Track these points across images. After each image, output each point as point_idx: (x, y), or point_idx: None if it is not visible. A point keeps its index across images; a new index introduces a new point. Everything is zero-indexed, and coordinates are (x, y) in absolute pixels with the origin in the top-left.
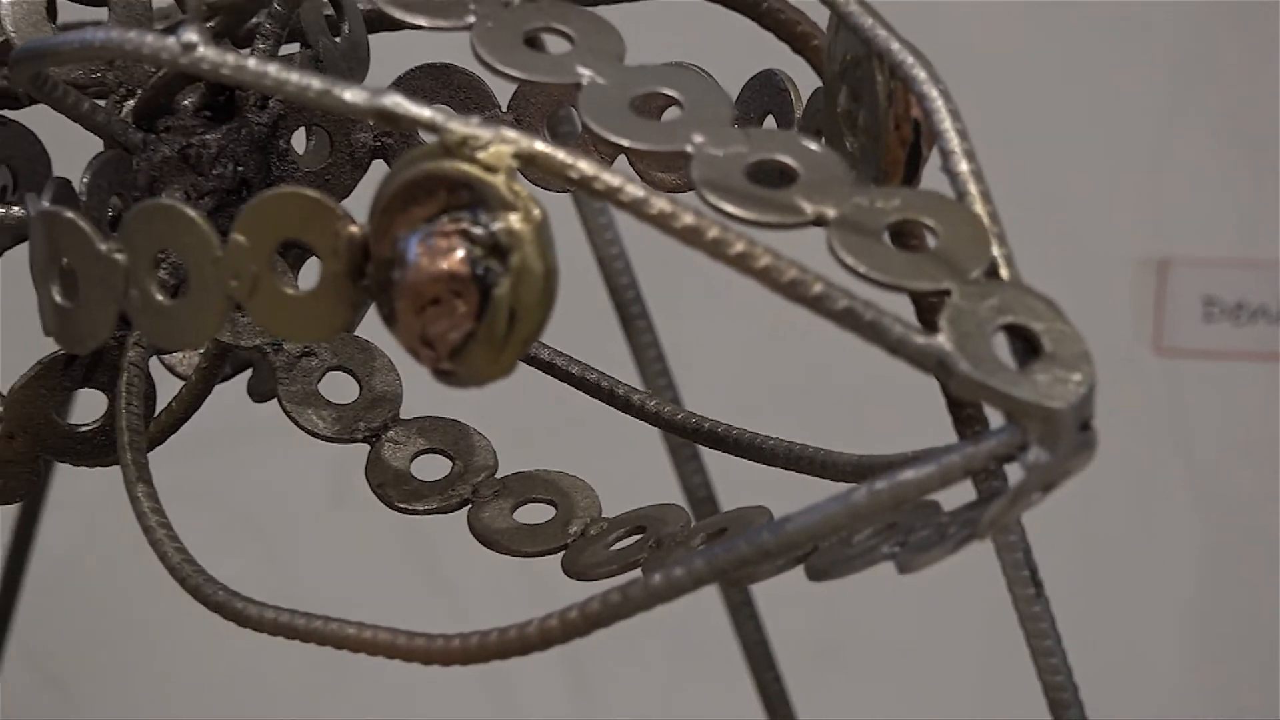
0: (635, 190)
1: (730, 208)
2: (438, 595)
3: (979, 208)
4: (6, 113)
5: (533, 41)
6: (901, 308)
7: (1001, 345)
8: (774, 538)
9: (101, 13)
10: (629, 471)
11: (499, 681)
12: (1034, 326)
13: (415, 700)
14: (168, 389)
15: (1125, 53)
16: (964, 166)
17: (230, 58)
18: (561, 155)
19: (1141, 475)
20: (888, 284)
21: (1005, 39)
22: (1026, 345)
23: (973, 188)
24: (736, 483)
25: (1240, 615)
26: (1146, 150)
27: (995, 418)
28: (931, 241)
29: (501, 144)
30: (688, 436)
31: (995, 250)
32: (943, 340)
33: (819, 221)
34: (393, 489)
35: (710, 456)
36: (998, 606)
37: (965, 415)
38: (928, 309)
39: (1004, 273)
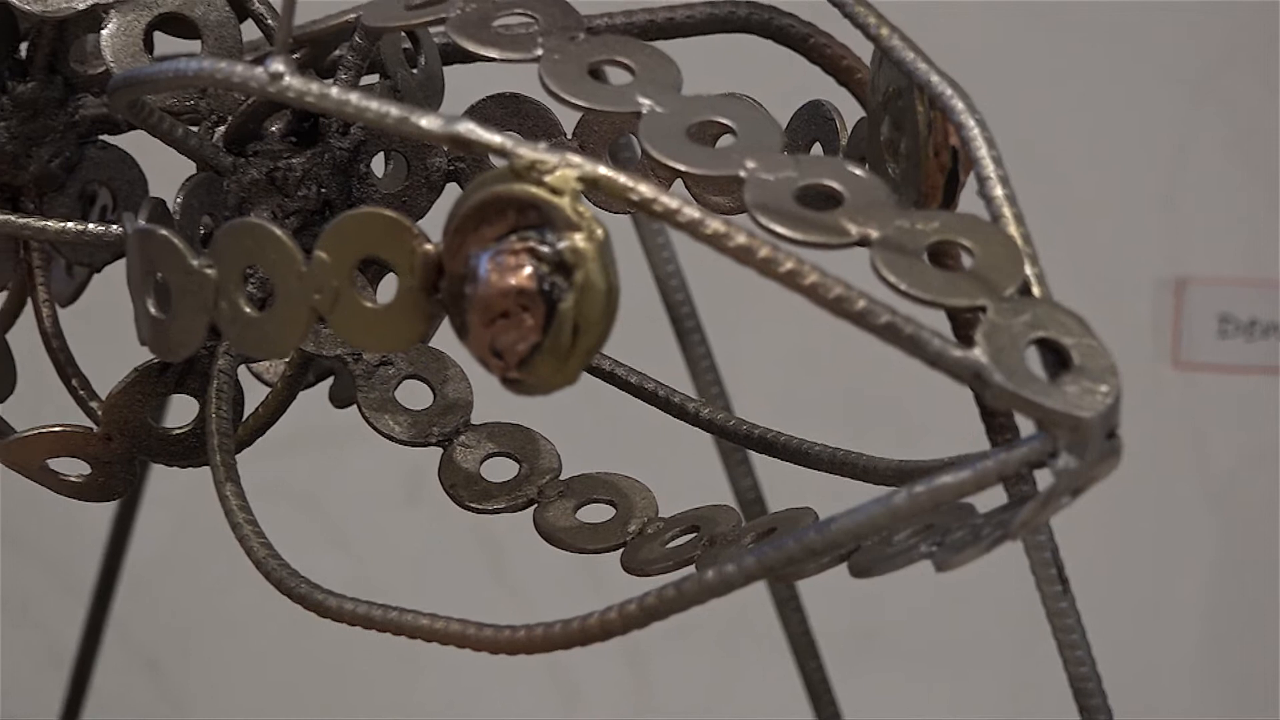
0: (692, 212)
1: (780, 228)
2: (505, 589)
3: (1013, 230)
4: (106, 138)
5: (596, 73)
6: (938, 323)
7: (1033, 358)
8: (820, 537)
9: (195, 44)
10: (683, 474)
11: (562, 670)
12: (1064, 341)
13: (482, 689)
14: (255, 395)
15: (1142, 84)
16: (999, 191)
17: (315, 87)
18: (623, 179)
19: (1160, 480)
20: (927, 300)
21: (1026, 68)
22: (1057, 358)
23: (1007, 211)
24: (783, 485)
25: (1249, 612)
26: (1164, 177)
27: (1026, 426)
28: (968, 261)
29: (567, 168)
30: (738, 442)
31: (1028, 269)
32: (978, 353)
33: (863, 242)
34: (464, 489)
35: (759, 461)
36: (1026, 602)
37: (997, 423)
38: (963, 324)
39: (1036, 291)
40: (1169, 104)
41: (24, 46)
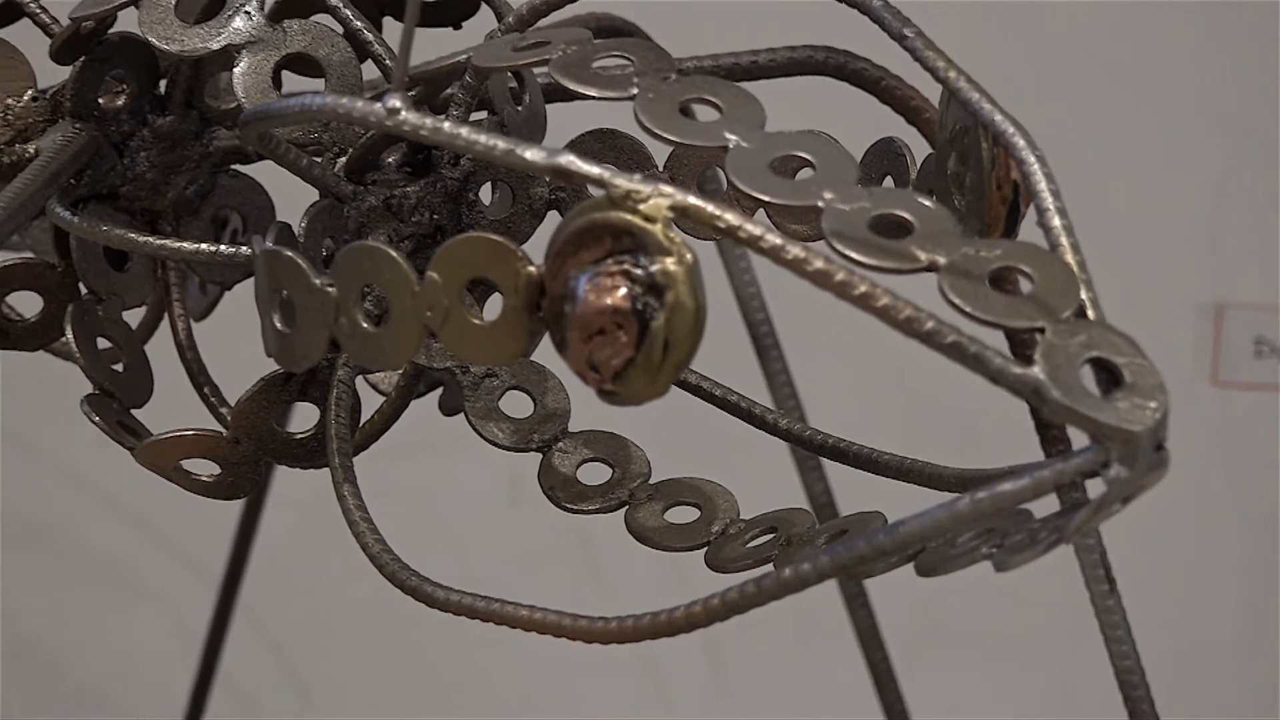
0: (774, 238)
1: (855, 254)
2: (597, 584)
3: (1070, 257)
4: (238, 167)
5: (686, 111)
6: (997, 343)
7: (1088, 376)
8: (889, 539)
9: (319, 83)
10: (761, 479)
11: (648, 660)
12: (1116, 360)
13: (575, 675)
14: (371, 403)
15: (1185, 123)
16: (1057, 222)
17: (429, 121)
18: (711, 207)
19: (1199, 488)
20: (990, 322)
21: (1077, 105)
22: (1109, 377)
23: (1064, 240)
24: (853, 491)
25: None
26: (1205, 209)
27: (1078, 438)
28: (1027, 286)
29: (660, 197)
30: (812, 450)
31: (1083, 294)
32: (1037, 371)
33: (931, 268)
34: (561, 491)
35: (830, 468)
36: (1075, 601)
37: (1051, 436)
38: (1021, 344)
39: (1091, 314)
40: (1210, 142)
41: (163, 83)
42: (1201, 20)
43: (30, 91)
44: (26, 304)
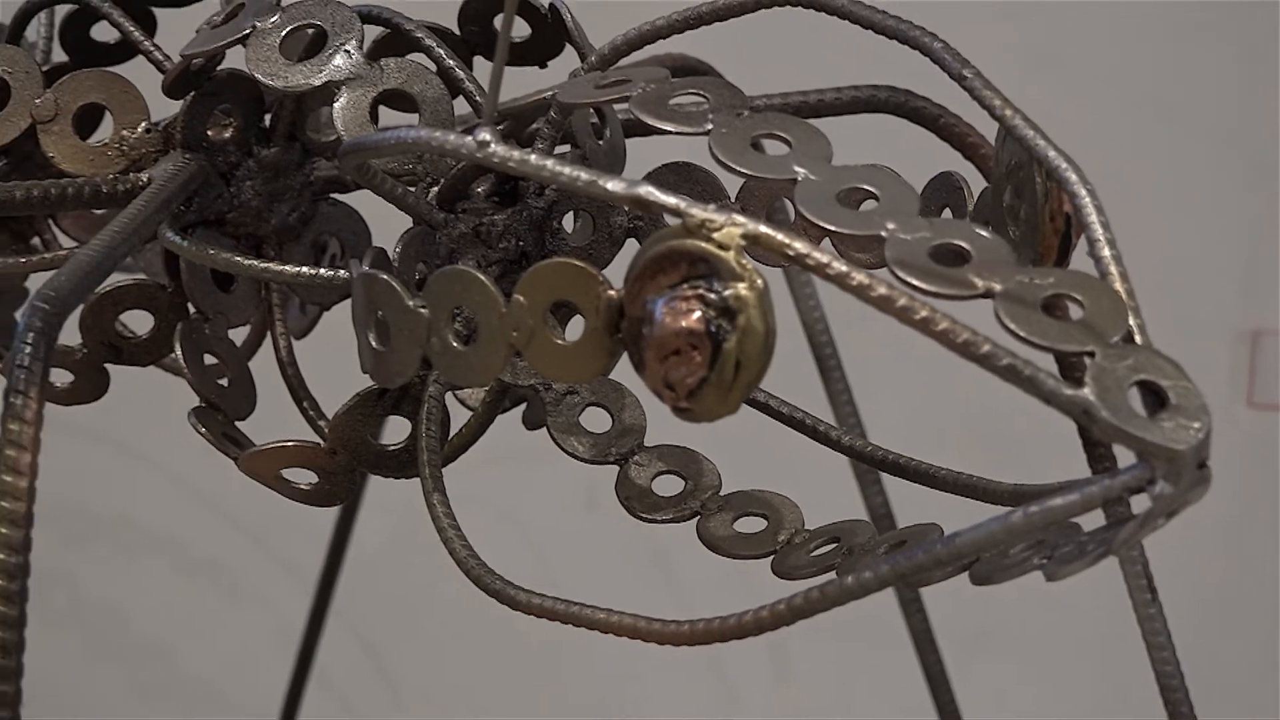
0: (840, 265)
1: (916, 281)
2: (670, 589)
3: (1119, 286)
4: (337, 195)
5: (757, 145)
6: (1047, 365)
7: (1135, 398)
8: (946, 549)
9: (413, 117)
10: (824, 492)
11: (715, 661)
12: (1162, 383)
13: (647, 675)
14: (459, 417)
15: (1229, 163)
16: (1107, 252)
17: (516, 154)
18: (782, 236)
19: (1237, 501)
20: (1043, 346)
21: (1124, 147)
22: (1155, 398)
23: (1114, 269)
24: (910, 504)
25: None
26: (1241, 244)
27: (1122, 456)
28: (1078, 313)
29: (732, 226)
30: (872, 465)
31: (1131, 321)
32: (1087, 393)
33: (987, 294)
34: (636, 502)
35: (889, 482)
36: (1118, 608)
37: (1098, 453)
38: (1070, 366)
39: (1138, 339)
40: (1248, 183)
41: (268, 117)
42: (1243, 63)
43: (144, 123)
44: (139, 322)
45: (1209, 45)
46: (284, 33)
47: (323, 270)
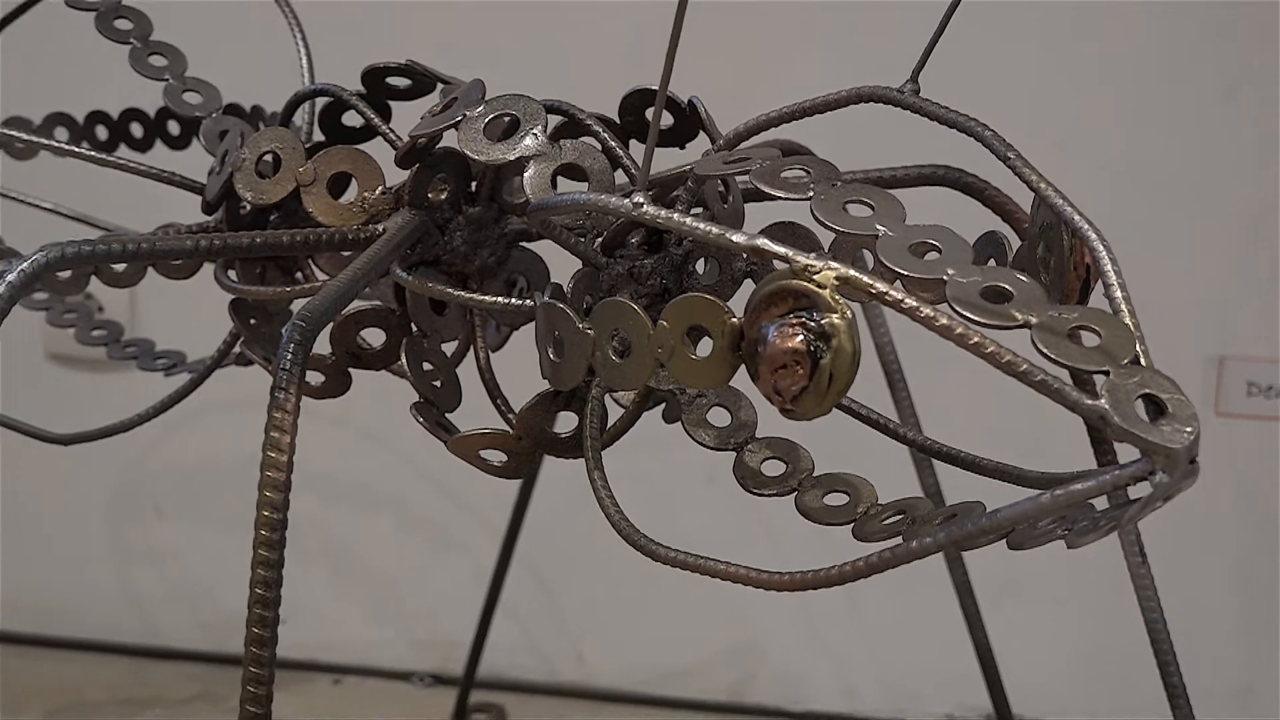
0: (912, 301)
1: (970, 314)
2: (774, 548)
3: (1128, 320)
4: (525, 244)
5: (847, 208)
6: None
7: (1140, 407)
8: (990, 522)
9: (584, 185)
10: (891, 476)
11: (804, 600)
12: (1162, 396)
13: (754, 615)
14: (615, 413)
15: (1196, 220)
16: (1119, 294)
17: (663, 213)
18: (867, 278)
19: (1205, 490)
20: (1069, 366)
21: (1118, 217)
22: (1156, 408)
23: (1125, 307)
24: (958, 486)
25: (1264, 585)
26: (1214, 291)
27: (1123, 454)
28: (1094, 340)
29: (829, 270)
30: (929, 455)
31: (1138, 347)
32: (1103, 403)
33: (1025, 325)
34: (749, 480)
35: (940, 468)
36: (1117, 568)
37: (1103, 450)
38: (1083, 382)
39: (1143, 361)
40: (1218, 232)
41: (474, 183)
42: (1217, 119)
43: (380, 188)
44: (375, 337)
45: (1180, 101)
46: (487, 120)
47: (513, 300)
